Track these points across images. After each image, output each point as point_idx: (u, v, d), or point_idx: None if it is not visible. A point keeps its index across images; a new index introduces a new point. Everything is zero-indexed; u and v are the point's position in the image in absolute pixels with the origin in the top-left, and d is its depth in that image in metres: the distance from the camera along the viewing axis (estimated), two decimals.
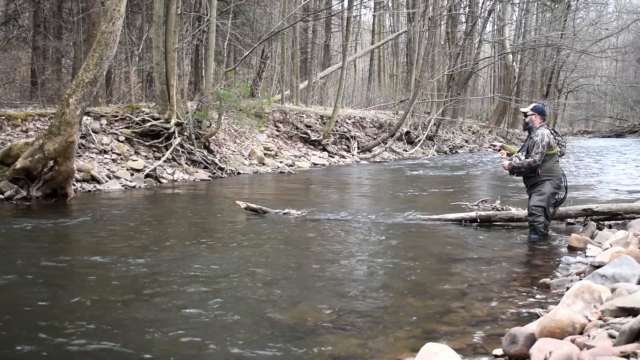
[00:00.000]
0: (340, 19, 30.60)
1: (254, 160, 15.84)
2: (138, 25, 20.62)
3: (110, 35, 9.08)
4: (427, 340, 3.19)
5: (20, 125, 11.35)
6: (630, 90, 48.00)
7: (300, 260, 5.41)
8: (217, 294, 4.26)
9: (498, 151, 6.70)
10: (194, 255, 5.53)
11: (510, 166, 6.33)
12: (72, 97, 8.89)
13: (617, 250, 4.52)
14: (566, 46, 31.31)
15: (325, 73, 28.82)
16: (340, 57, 27.93)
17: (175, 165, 13.02)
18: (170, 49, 13.23)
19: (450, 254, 5.68)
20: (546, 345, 2.79)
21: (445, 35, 28.76)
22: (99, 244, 6.15)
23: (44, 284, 4.60)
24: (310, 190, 11.91)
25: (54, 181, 9.05)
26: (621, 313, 2.96)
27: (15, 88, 17.32)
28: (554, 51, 32.74)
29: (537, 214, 6.23)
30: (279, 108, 20.23)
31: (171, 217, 8.21)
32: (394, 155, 21.59)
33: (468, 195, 10.23)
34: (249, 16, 21.66)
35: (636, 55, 44.42)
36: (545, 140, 6.12)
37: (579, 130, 54.26)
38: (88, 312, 3.88)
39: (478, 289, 4.44)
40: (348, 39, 23.27)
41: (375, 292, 4.35)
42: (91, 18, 14.38)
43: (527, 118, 6.35)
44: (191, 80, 19.30)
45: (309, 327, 3.60)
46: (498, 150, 6.73)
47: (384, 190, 11.76)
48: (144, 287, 4.46)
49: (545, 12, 35.36)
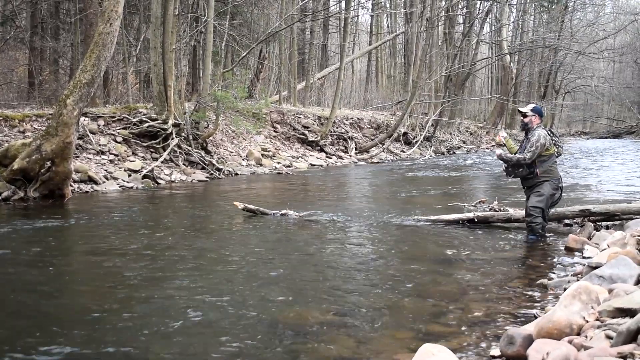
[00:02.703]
0: (338, 19, 30.65)
1: (251, 161, 15.83)
2: (135, 26, 20.61)
3: (108, 36, 9.07)
4: (425, 340, 3.19)
5: (17, 126, 11.34)
6: (628, 91, 48.11)
7: (298, 261, 5.41)
8: (215, 295, 4.25)
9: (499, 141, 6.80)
10: (191, 256, 5.52)
11: (500, 156, 6.39)
12: (69, 98, 8.88)
13: (614, 251, 4.53)
14: (563, 47, 31.35)
15: (323, 74, 28.82)
16: (337, 58, 27.93)
17: (172, 166, 13.01)
18: (168, 50, 13.23)
19: (447, 254, 5.68)
20: (544, 346, 2.79)
21: (443, 36, 28.79)
22: (96, 244, 6.14)
23: (41, 285, 4.59)
24: (308, 191, 11.90)
25: (52, 182, 9.04)
26: (618, 314, 2.97)
27: (13, 89, 17.30)
28: (552, 52, 32.80)
29: (535, 215, 6.23)
30: (276, 109, 20.23)
31: (168, 218, 8.20)
32: (392, 156, 21.61)
33: (466, 196, 10.24)
34: (246, 17, 21.67)
35: (633, 57, 44.54)
36: (541, 141, 6.13)
37: (576, 131, 54.40)
38: (86, 312, 3.87)
39: (476, 290, 4.44)
40: (346, 39, 23.30)
41: (373, 293, 4.35)
42: (88, 19, 14.37)
43: (527, 119, 6.35)
44: (189, 81, 19.29)
45: (307, 328, 3.60)
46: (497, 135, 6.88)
47: (382, 191, 11.77)
48: (141, 289, 4.45)
49: (542, 13, 35.44)
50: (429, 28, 24.28)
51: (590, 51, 33.42)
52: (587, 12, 40.75)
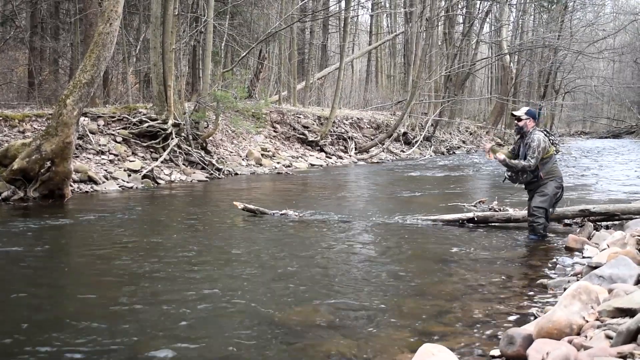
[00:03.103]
0: (338, 19, 30.66)
1: (251, 161, 15.83)
2: (135, 26, 20.62)
3: (108, 36, 9.07)
4: (425, 340, 3.19)
5: (17, 126, 11.34)
6: (628, 91, 48.08)
7: (297, 261, 5.40)
8: (214, 295, 4.26)
9: (487, 152, 6.63)
10: (190, 256, 5.52)
11: (505, 162, 6.33)
12: (69, 98, 8.87)
13: (614, 251, 4.53)
14: (563, 47, 31.32)
15: (323, 74, 28.83)
16: (337, 58, 27.93)
17: (172, 166, 13.01)
18: (168, 50, 13.23)
19: (447, 254, 5.68)
20: (544, 346, 2.79)
21: (443, 36, 28.79)
22: (96, 245, 6.14)
23: (41, 285, 4.59)
24: (308, 191, 11.90)
25: (51, 182, 9.04)
26: (618, 314, 2.97)
27: (13, 89, 17.30)
28: (551, 52, 32.77)
29: (537, 215, 6.23)
30: (276, 109, 20.24)
31: (168, 218, 8.20)
32: (391, 156, 21.61)
33: (465, 196, 10.24)
34: (246, 17, 21.67)
35: (633, 56, 44.53)
36: (541, 146, 6.13)
37: (576, 131, 54.41)
38: (86, 312, 3.87)
39: (475, 290, 4.44)
40: (345, 39, 23.30)
41: (373, 293, 4.35)
42: (88, 19, 14.38)
43: (521, 122, 6.33)
44: (188, 81, 19.29)
45: (307, 328, 3.60)
46: (487, 151, 6.66)
47: (382, 191, 11.76)
48: (141, 289, 4.45)
49: (542, 13, 35.41)
50: (428, 28, 24.29)
51: (590, 51, 33.40)
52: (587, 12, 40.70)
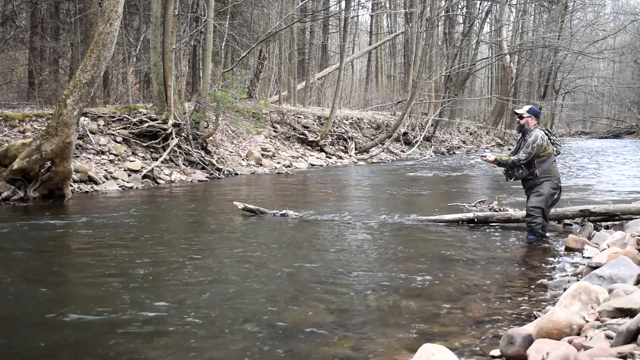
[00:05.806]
0: (338, 19, 30.66)
1: (251, 161, 15.83)
2: (135, 26, 20.61)
3: (108, 36, 9.07)
4: (425, 340, 3.18)
5: (17, 126, 11.34)
6: (628, 91, 48.09)
7: (297, 261, 5.40)
8: (214, 295, 4.26)
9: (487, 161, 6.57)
10: (191, 256, 5.52)
11: (496, 161, 6.38)
12: (69, 98, 8.88)
13: (614, 251, 4.52)
14: (563, 47, 31.36)
15: (323, 74, 28.83)
16: (337, 58, 27.94)
17: (172, 166, 13.01)
18: (168, 50, 13.23)
19: (447, 254, 5.68)
20: (543, 346, 2.79)
21: (443, 36, 28.81)
22: (96, 244, 6.13)
23: (41, 285, 4.59)
24: (308, 191, 11.90)
25: (51, 182, 9.04)
26: (618, 314, 2.96)
27: (13, 89, 17.30)
28: (552, 52, 32.79)
29: (535, 215, 6.23)
30: (276, 109, 20.23)
31: (168, 218, 8.20)
32: (392, 156, 21.61)
33: (465, 196, 10.24)
34: (246, 17, 21.66)
35: (633, 57, 44.56)
36: (537, 142, 6.14)
37: (576, 131, 54.43)
38: (85, 312, 3.87)
39: (475, 290, 4.44)
40: (345, 39, 23.29)
41: (372, 293, 4.35)
42: (88, 19, 14.37)
43: (523, 120, 6.35)
44: (189, 81, 19.29)
45: (307, 327, 3.60)
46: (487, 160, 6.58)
47: (382, 191, 11.76)
48: (140, 288, 4.45)
49: (542, 13, 35.44)
50: (428, 28, 24.29)
51: (590, 51, 33.44)
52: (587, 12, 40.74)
